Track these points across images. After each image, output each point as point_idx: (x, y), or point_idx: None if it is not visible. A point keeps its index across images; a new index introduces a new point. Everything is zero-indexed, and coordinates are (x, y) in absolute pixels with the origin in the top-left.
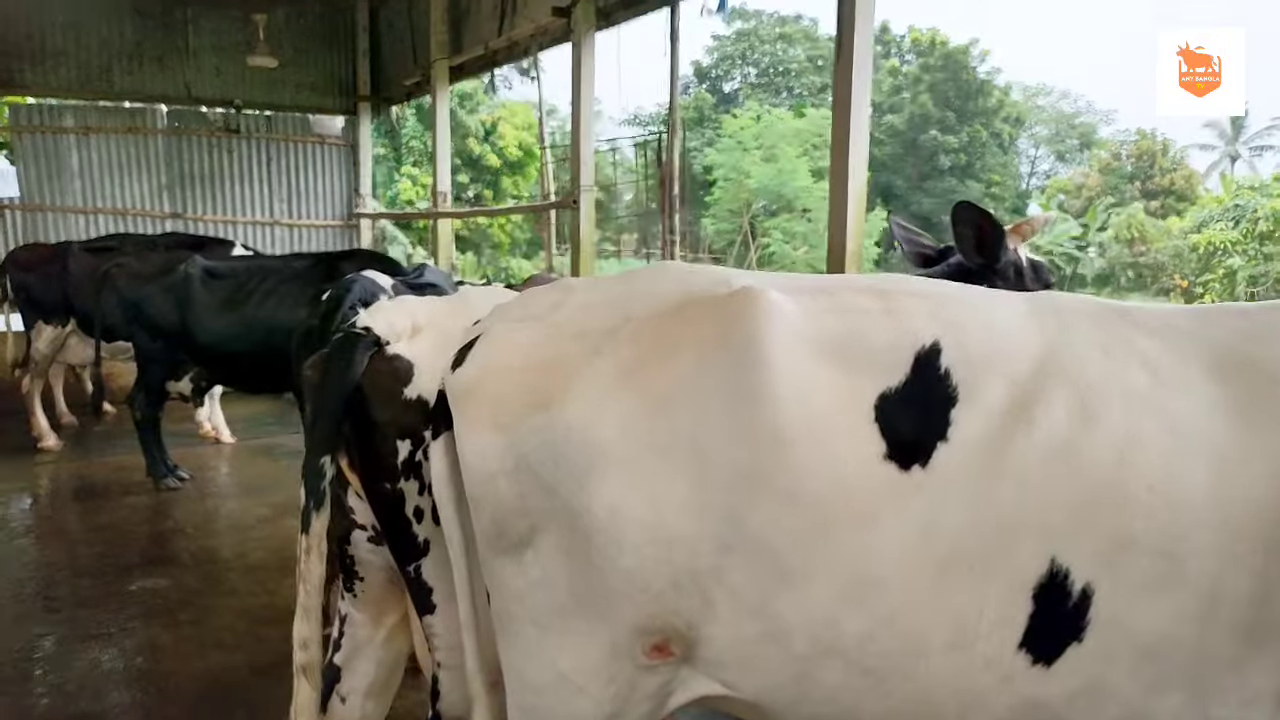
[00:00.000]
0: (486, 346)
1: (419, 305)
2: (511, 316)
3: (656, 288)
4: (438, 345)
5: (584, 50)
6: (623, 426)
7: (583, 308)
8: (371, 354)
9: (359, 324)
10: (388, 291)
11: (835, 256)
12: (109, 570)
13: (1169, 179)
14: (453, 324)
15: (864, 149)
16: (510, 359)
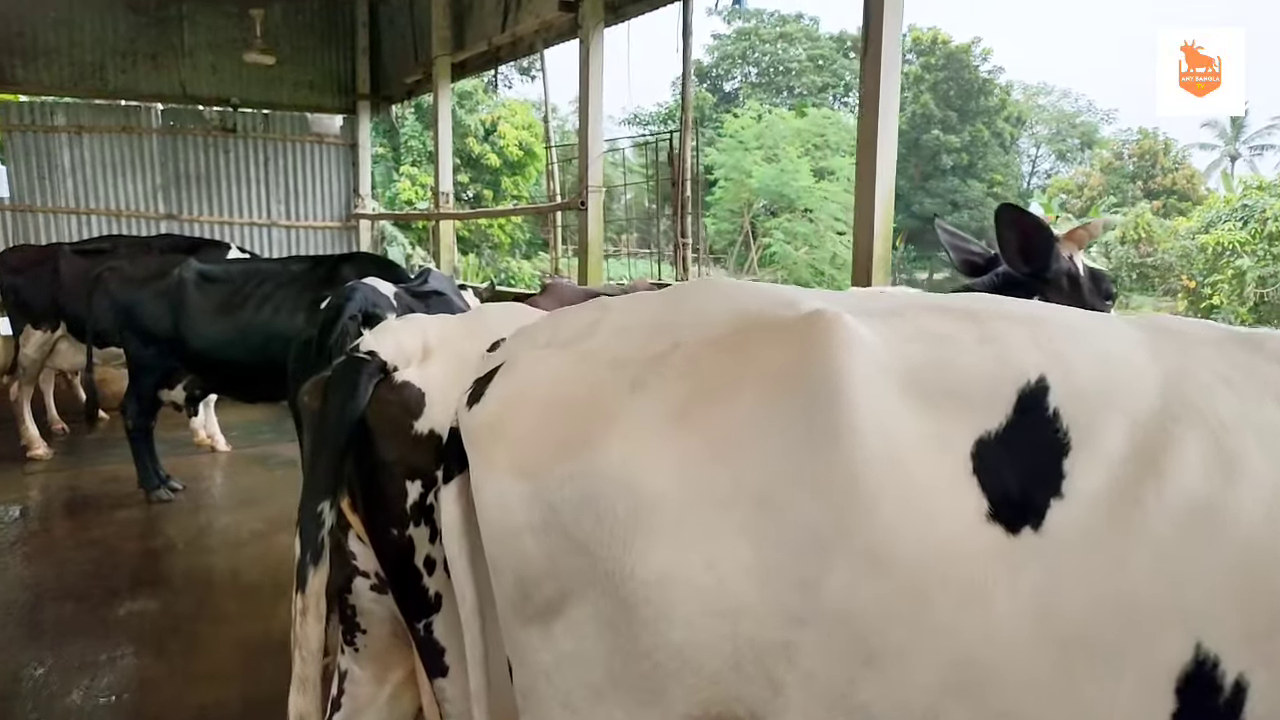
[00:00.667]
0: (509, 378)
1: (430, 325)
2: (537, 342)
3: (707, 308)
4: (452, 371)
5: (592, 46)
6: (674, 475)
7: (621, 332)
8: (377, 382)
9: (363, 347)
10: (390, 300)
11: (861, 262)
12: (97, 592)
13: (1171, 179)
14: (469, 346)
15: (892, 149)
16: (537, 393)
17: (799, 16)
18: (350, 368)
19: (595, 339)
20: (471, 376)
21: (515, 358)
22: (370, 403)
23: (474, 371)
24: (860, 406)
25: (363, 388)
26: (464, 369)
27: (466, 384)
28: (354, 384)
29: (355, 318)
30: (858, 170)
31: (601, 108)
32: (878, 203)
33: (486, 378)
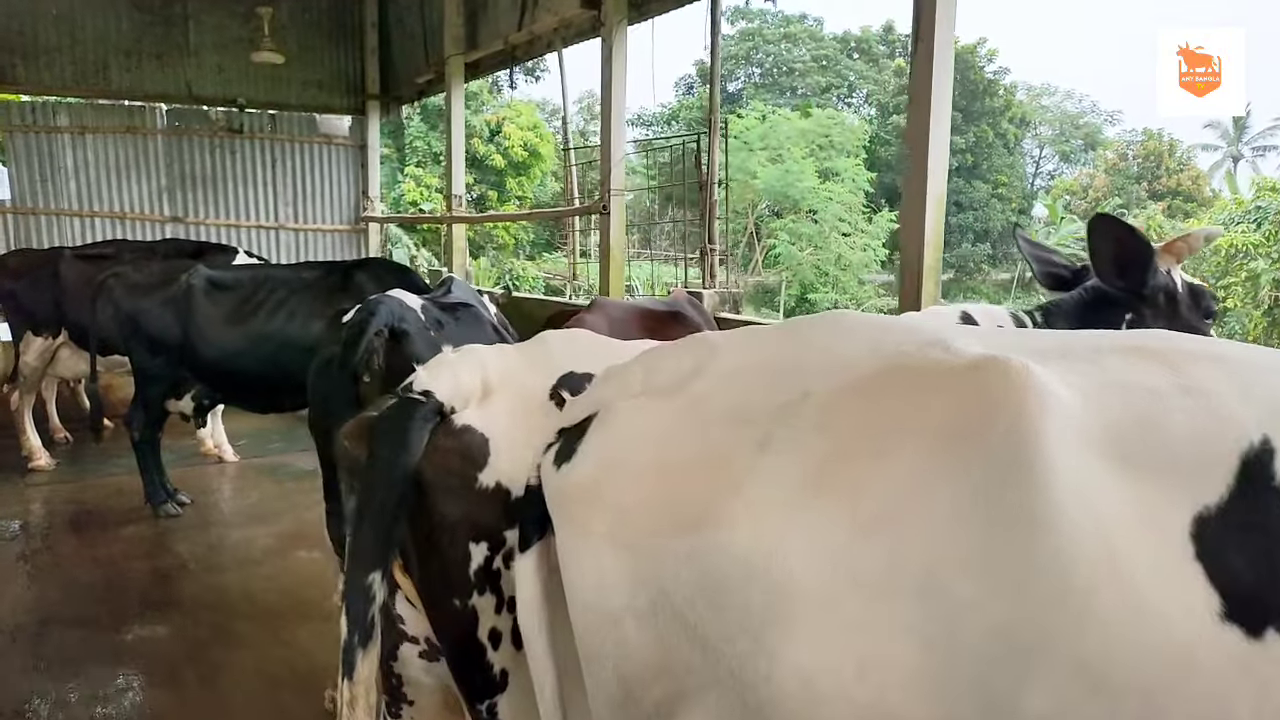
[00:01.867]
0: (607, 433)
1: (490, 357)
2: (632, 387)
3: (837, 347)
4: (517, 411)
5: (615, 44)
6: (815, 555)
7: (734, 376)
8: (433, 426)
9: (417, 385)
10: (417, 313)
11: (909, 271)
12: (104, 616)
13: (1176, 180)
14: (533, 381)
15: (944, 149)
16: (642, 452)
17: (803, 17)
18: (402, 411)
19: (703, 384)
20: (538, 416)
21: (611, 408)
22: (426, 452)
23: (540, 411)
24: (1061, 476)
25: (417, 435)
26: (530, 408)
27: (534, 426)
28: (407, 430)
29: (381, 333)
30: (906, 172)
31: (624, 108)
32: (929, 206)
33: (577, 430)
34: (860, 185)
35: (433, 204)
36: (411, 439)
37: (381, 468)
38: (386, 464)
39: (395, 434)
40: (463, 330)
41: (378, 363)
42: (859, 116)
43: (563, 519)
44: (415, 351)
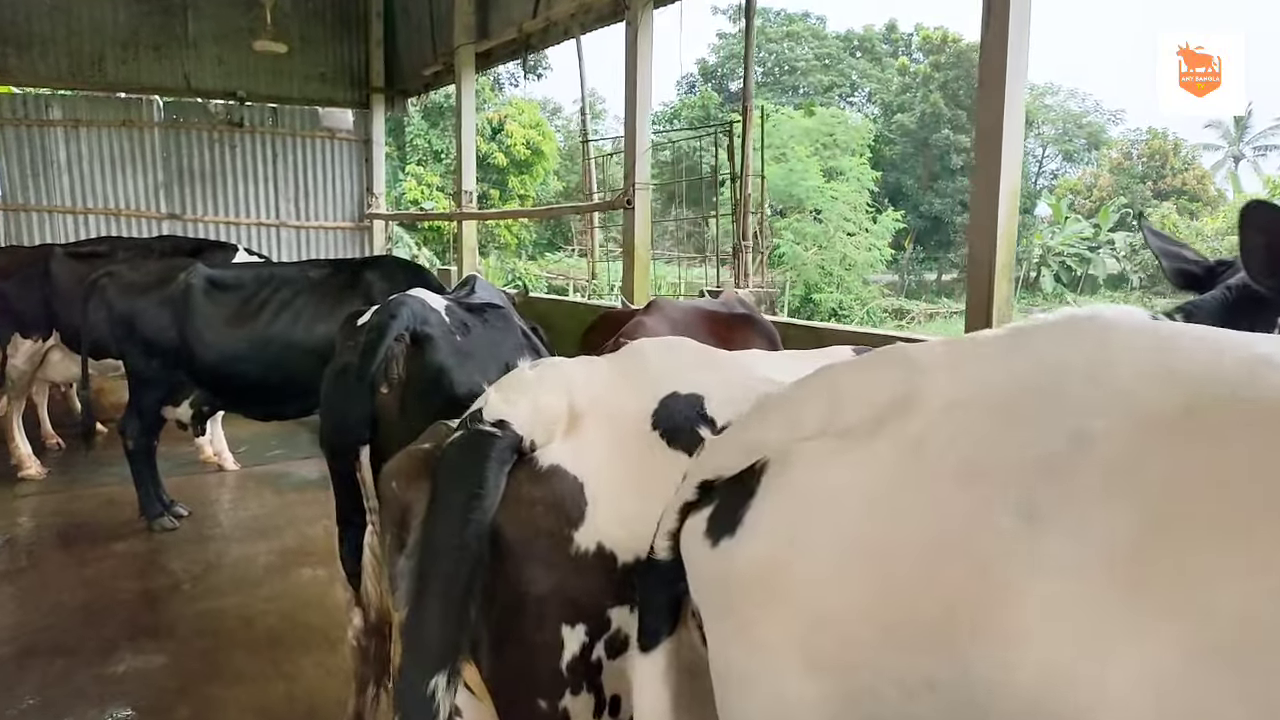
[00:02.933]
0: (787, 495)
1: (575, 373)
2: (807, 424)
3: (1114, 370)
4: (615, 445)
5: (640, 29)
6: (1137, 689)
7: (959, 411)
8: (511, 467)
9: (489, 414)
10: (442, 315)
11: (978, 272)
12: (91, 644)
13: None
14: (630, 403)
15: (1019, 136)
16: (841, 524)
17: (805, 15)
18: (472, 449)
19: (916, 422)
20: (643, 452)
21: (786, 456)
22: (505, 503)
23: (643, 443)
24: None
25: (493, 480)
26: (630, 440)
27: (641, 466)
28: (480, 474)
29: (402, 338)
30: (976, 164)
31: (650, 98)
32: (1002, 198)
33: (739, 489)
34: (865, 184)
35: (434, 202)
36: (486, 486)
37: (448, 525)
38: (455, 520)
39: (465, 479)
40: (491, 334)
41: (398, 371)
42: (863, 115)
43: (723, 617)
44: (440, 358)
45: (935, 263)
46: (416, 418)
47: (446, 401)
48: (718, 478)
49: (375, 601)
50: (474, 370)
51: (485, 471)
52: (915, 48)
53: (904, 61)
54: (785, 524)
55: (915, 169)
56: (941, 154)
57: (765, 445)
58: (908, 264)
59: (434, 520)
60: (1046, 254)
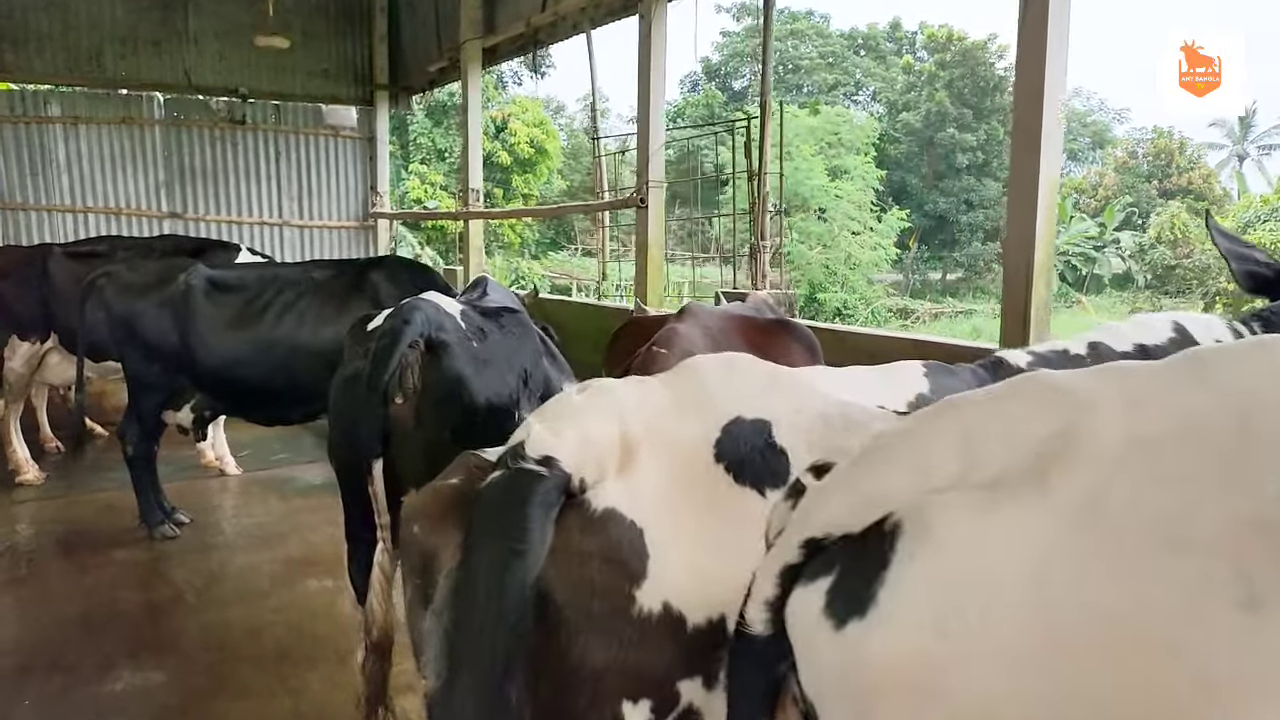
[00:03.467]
0: (932, 571)
1: (626, 398)
2: (940, 471)
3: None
4: (674, 480)
5: (654, 21)
6: None
7: (1141, 458)
8: (559, 512)
9: (532, 448)
10: (457, 321)
11: (1016, 273)
12: (91, 659)
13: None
14: (689, 431)
15: (1058, 136)
16: (1001, 609)
17: (809, 14)
18: (514, 490)
19: (1086, 473)
20: (709, 490)
21: (923, 514)
22: (553, 555)
23: (708, 479)
24: None
25: (539, 529)
26: (694, 476)
27: (708, 508)
28: (523, 523)
29: (416, 345)
30: (1013, 161)
31: (663, 93)
32: (1041, 195)
33: (863, 553)
34: (870, 183)
35: (437, 201)
36: (530, 537)
37: (486, 586)
38: (494, 580)
39: (505, 529)
40: (509, 340)
41: (413, 381)
42: (867, 114)
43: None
44: (458, 367)
45: (940, 262)
46: (432, 430)
47: (464, 412)
48: (827, 536)
49: (380, 620)
50: (492, 379)
51: (529, 519)
52: (920, 46)
53: (908, 60)
54: (933, 606)
55: (920, 168)
56: (946, 153)
57: (889, 497)
58: (912, 263)
59: (469, 579)
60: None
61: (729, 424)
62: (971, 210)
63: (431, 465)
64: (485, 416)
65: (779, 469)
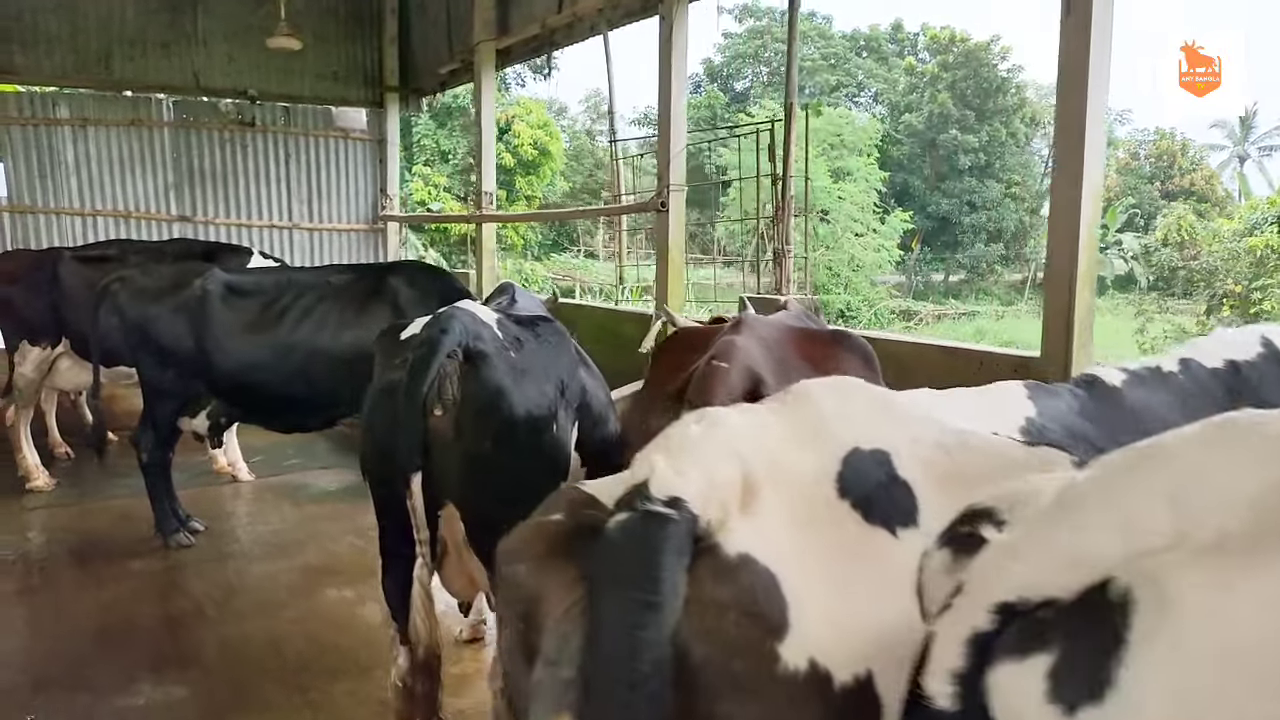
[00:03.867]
0: (1184, 653)
1: (742, 427)
2: (1155, 530)
3: None
4: (800, 520)
5: (676, 23)
6: None
7: None
8: (691, 559)
9: (657, 487)
10: (494, 330)
11: (1058, 279)
12: (110, 674)
13: (1189, 179)
14: (809, 465)
15: (1102, 135)
16: (1272, 698)
17: (811, 15)
18: (643, 537)
19: None
20: (837, 531)
21: (1157, 581)
22: (687, 609)
23: (832, 518)
24: None
25: (673, 580)
26: (815, 514)
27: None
28: (655, 573)
29: (454, 355)
30: (1056, 162)
31: (684, 95)
32: (1085, 200)
33: (1087, 629)
34: (873, 185)
35: (441, 203)
36: (664, 589)
37: (620, 641)
38: (626, 639)
39: (639, 577)
40: (545, 350)
41: (452, 392)
42: (870, 115)
43: None
44: (497, 377)
45: (942, 263)
46: (472, 441)
47: (504, 424)
48: (1023, 600)
49: (425, 639)
50: (531, 389)
51: (663, 568)
52: (922, 48)
53: (911, 61)
54: (1191, 696)
55: (922, 169)
56: (949, 154)
57: (1098, 559)
58: (915, 265)
59: (598, 633)
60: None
61: (848, 456)
62: (974, 212)
63: (470, 477)
64: (525, 428)
65: (906, 505)
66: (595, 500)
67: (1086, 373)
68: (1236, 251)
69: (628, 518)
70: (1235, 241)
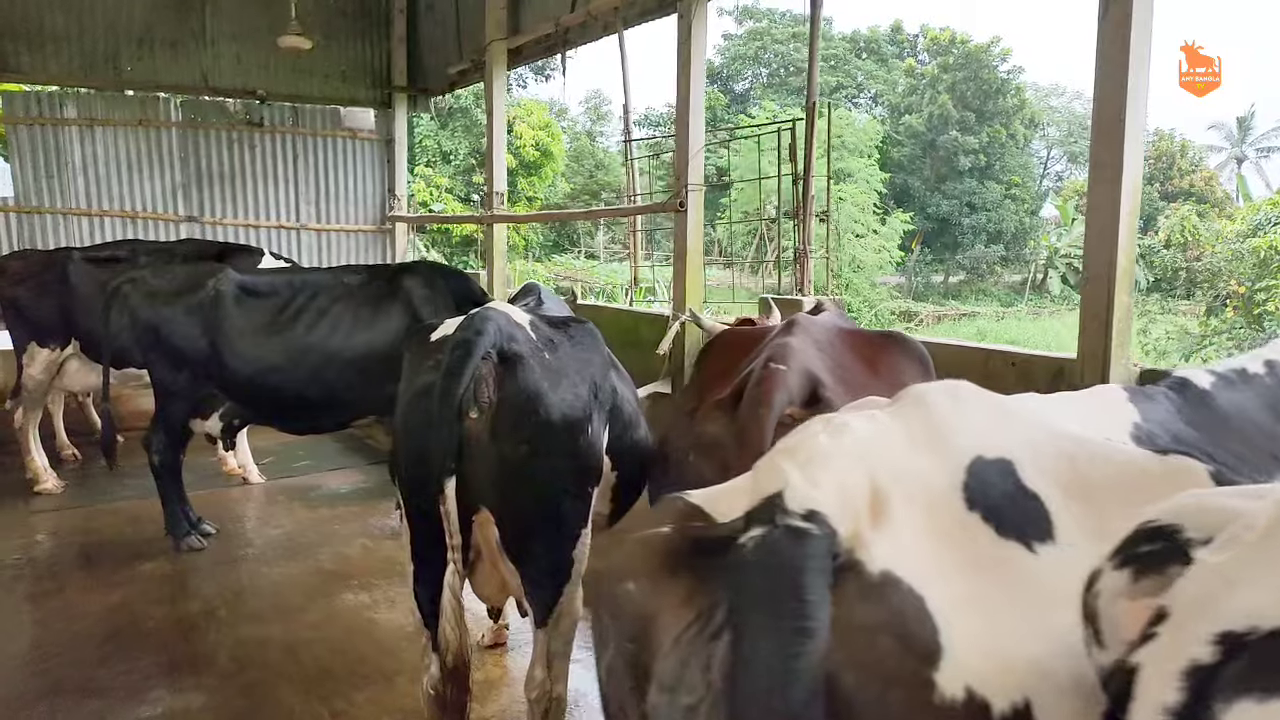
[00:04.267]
0: None
1: (864, 433)
2: None
3: None
4: (932, 534)
5: (695, 21)
6: None
7: None
8: (835, 580)
9: (792, 500)
10: (528, 331)
11: (1097, 280)
12: (124, 682)
13: (1189, 180)
14: (934, 476)
15: (1141, 131)
16: None
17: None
18: (785, 556)
19: None
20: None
21: None
22: (834, 634)
23: (963, 532)
24: None
25: (820, 603)
26: (946, 527)
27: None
28: (802, 596)
29: (489, 357)
30: (1093, 160)
31: (702, 94)
32: (1124, 198)
33: None
34: (873, 186)
35: (443, 204)
36: (817, 609)
37: (772, 671)
38: (780, 664)
39: (787, 600)
40: (579, 352)
41: (489, 395)
42: (870, 116)
43: None
44: (534, 380)
45: (942, 264)
46: (508, 445)
47: (540, 428)
48: (1253, 631)
49: (454, 646)
50: (566, 391)
51: (810, 589)
52: (922, 49)
53: (911, 63)
54: None
55: (923, 170)
56: (949, 156)
57: None
58: (915, 266)
59: (746, 663)
60: (1053, 255)
61: (971, 465)
62: (974, 213)
63: (506, 481)
64: (561, 431)
65: (1037, 517)
66: (702, 512)
67: (1176, 376)
68: (1240, 252)
69: (766, 534)
70: (1239, 242)
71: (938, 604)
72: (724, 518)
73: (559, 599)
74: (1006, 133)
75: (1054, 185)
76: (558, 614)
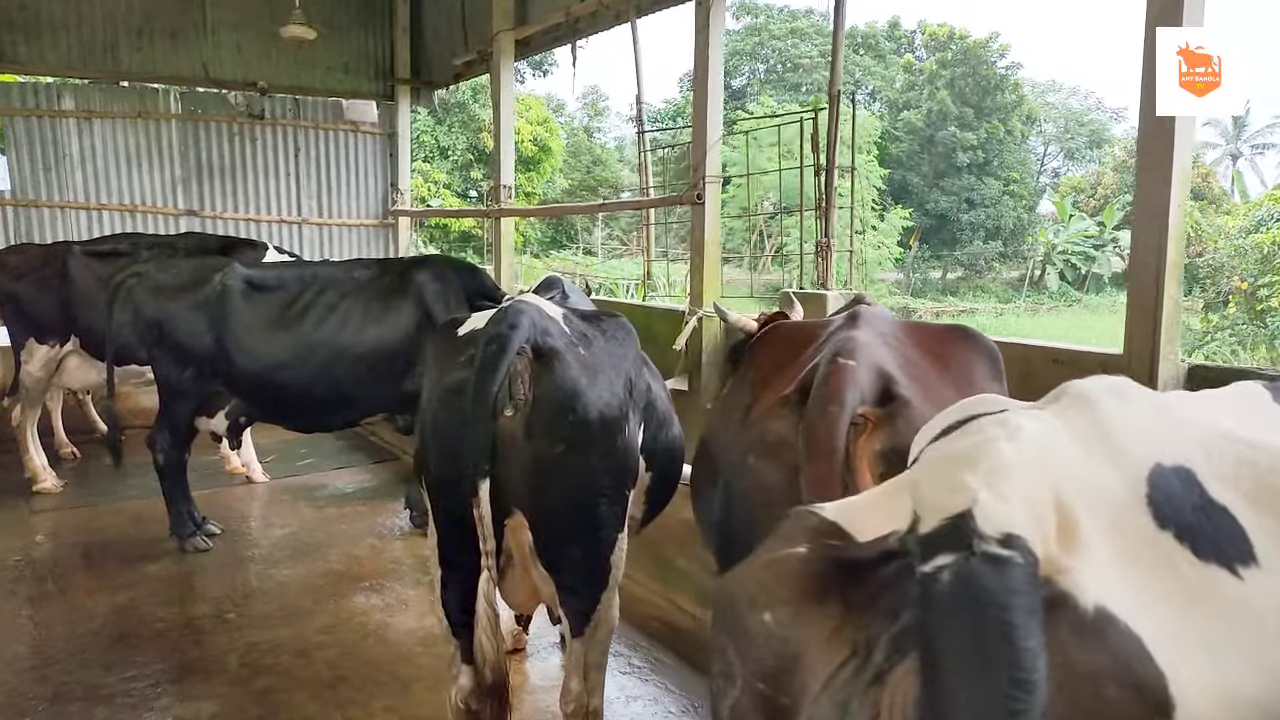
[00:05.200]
0: None
1: (1041, 437)
2: None
3: None
4: (1128, 561)
5: (714, 9)
6: None
7: None
8: (1045, 616)
9: (984, 521)
10: (561, 325)
11: (1144, 270)
12: (132, 688)
13: None
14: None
15: (1191, 123)
16: None
17: (809, 12)
18: (992, 591)
19: None
20: (1162, 566)
21: None
22: (1052, 678)
23: (1158, 553)
24: None
25: (1037, 649)
26: (1138, 550)
27: (1185, 599)
28: (1020, 640)
29: (523, 353)
30: (1140, 148)
31: (720, 83)
32: (1174, 188)
33: None
34: (872, 182)
35: (441, 199)
36: (1036, 658)
37: None
38: None
39: (999, 650)
40: (614, 347)
41: (524, 392)
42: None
43: None
44: (571, 375)
45: (940, 261)
46: (544, 444)
47: (578, 426)
48: None
49: (491, 658)
50: (603, 388)
51: (1025, 634)
52: (920, 45)
53: (909, 59)
54: None
55: (921, 166)
56: (947, 151)
57: None
58: (913, 262)
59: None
60: (1051, 252)
61: (1151, 475)
62: (972, 209)
63: (541, 482)
64: (599, 429)
65: (1235, 535)
66: (840, 529)
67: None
68: (1243, 248)
69: (961, 563)
70: (1242, 238)
71: (1157, 644)
72: (864, 536)
73: (596, 607)
74: (1005, 129)
75: (1051, 181)
76: (595, 622)
